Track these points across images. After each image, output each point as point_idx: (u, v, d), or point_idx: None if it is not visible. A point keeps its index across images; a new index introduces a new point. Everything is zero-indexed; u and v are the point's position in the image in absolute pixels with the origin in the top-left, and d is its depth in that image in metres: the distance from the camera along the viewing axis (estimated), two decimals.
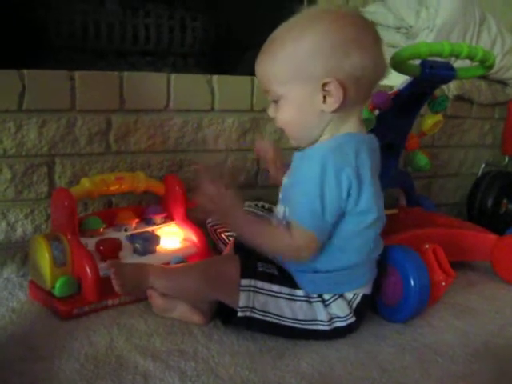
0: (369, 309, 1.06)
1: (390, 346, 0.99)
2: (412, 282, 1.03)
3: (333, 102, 0.92)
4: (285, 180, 1.05)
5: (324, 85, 0.91)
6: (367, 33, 0.94)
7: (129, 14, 1.65)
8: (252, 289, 0.95)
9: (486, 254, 1.37)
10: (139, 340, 0.96)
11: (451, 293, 1.19)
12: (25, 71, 1.17)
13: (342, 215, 0.94)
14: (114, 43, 1.64)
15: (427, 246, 1.10)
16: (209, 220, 1.31)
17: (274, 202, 1.09)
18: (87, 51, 1.61)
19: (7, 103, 1.16)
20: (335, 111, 0.93)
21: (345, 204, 0.93)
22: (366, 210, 0.95)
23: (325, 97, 0.92)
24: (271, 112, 1.00)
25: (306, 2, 1.87)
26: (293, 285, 0.99)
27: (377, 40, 0.95)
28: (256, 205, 1.29)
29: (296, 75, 0.93)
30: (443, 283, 1.07)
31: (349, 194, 0.92)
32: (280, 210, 1.03)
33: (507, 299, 1.25)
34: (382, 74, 0.98)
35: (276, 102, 0.97)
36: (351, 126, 0.97)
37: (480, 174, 1.89)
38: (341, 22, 0.92)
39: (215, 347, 0.95)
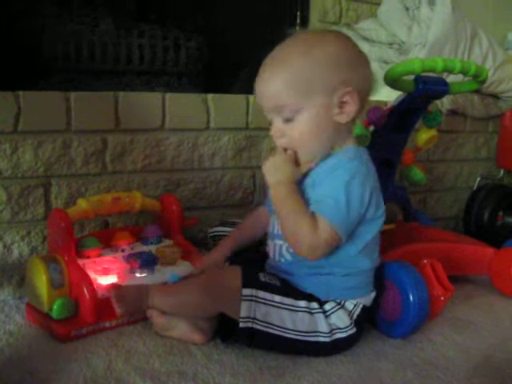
0: (367, 322, 1.06)
1: (390, 362, 0.99)
2: (411, 297, 1.03)
3: (350, 112, 0.96)
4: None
5: (341, 95, 0.95)
6: (360, 51, 1.00)
7: (123, 35, 1.66)
8: (254, 299, 0.95)
9: (484, 267, 1.37)
10: (138, 361, 0.95)
11: (450, 307, 1.19)
12: (20, 93, 1.18)
13: (364, 222, 0.98)
14: (109, 63, 1.64)
15: (425, 261, 1.10)
16: (210, 230, 1.31)
17: None
18: (82, 72, 1.61)
19: (3, 125, 1.16)
20: (349, 121, 0.97)
21: (365, 210, 0.96)
22: (382, 213, 1.00)
23: (341, 108, 0.95)
24: (278, 131, 0.99)
25: (298, 22, 1.89)
26: (295, 296, 0.98)
27: (367, 57, 1.02)
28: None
29: (312, 88, 0.95)
30: (442, 298, 1.07)
31: (369, 202, 0.96)
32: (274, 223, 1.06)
33: (506, 312, 1.25)
34: (372, 90, 1.03)
35: (289, 119, 0.97)
36: (352, 139, 1.02)
37: (476, 187, 1.90)
38: (344, 39, 1.00)
39: (215, 367, 0.94)
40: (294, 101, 0.95)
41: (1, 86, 1.16)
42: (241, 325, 0.94)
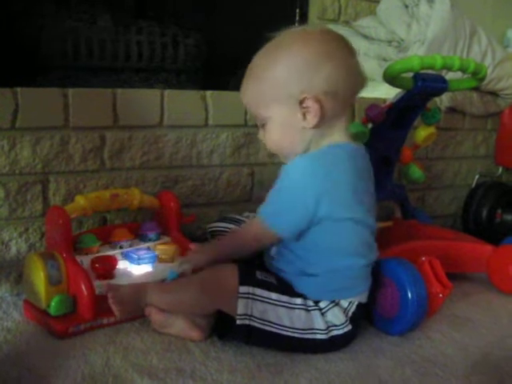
0: (363, 318, 1.06)
1: (388, 359, 0.99)
2: (409, 294, 1.03)
3: (312, 118, 0.96)
4: None
5: (301, 102, 0.96)
6: (338, 46, 0.98)
7: (121, 31, 1.65)
8: (251, 296, 0.95)
9: (482, 265, 1.37)
10: (136, 358, 0.95)
11: (448, 304, 1.20)
12: (18, 89, 1.17)
13: (327, 221, 0.97)
14: (107, 60, 1.64)
15: (424, 259, 1.10)
16: (209, 225, 1.31)
17: None
18: (80, 68, 1.61)
19: (0, 121, 1.16)
20: (316, 126, 0.97)
21: (315, 209, 0.95)
22: (359, 215, 0.99)
23: (304, 114, 0.96)
24: (261, 136, 1.06)
25: (297, 19, 1.89)
26: (291, 293, 0.99)
27: (350, 52, 0.99)
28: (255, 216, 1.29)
29: (276, 97, 0.98)
30: (440, 295, 1.07)
31: (318, 203, 0.95)
32: None
33: (504, 310, 1.25)
34: (359, 84, 1.01)
35: (263, 125, 1.03)
36: (336, 138, 1.00)
37: (474, 184, 1.90)
38: (308, 40, 0.98)
39: (213, 364, 0.94)
40: (259, 111, 1.02)
41: None
42: (238, 322, 0.95)
